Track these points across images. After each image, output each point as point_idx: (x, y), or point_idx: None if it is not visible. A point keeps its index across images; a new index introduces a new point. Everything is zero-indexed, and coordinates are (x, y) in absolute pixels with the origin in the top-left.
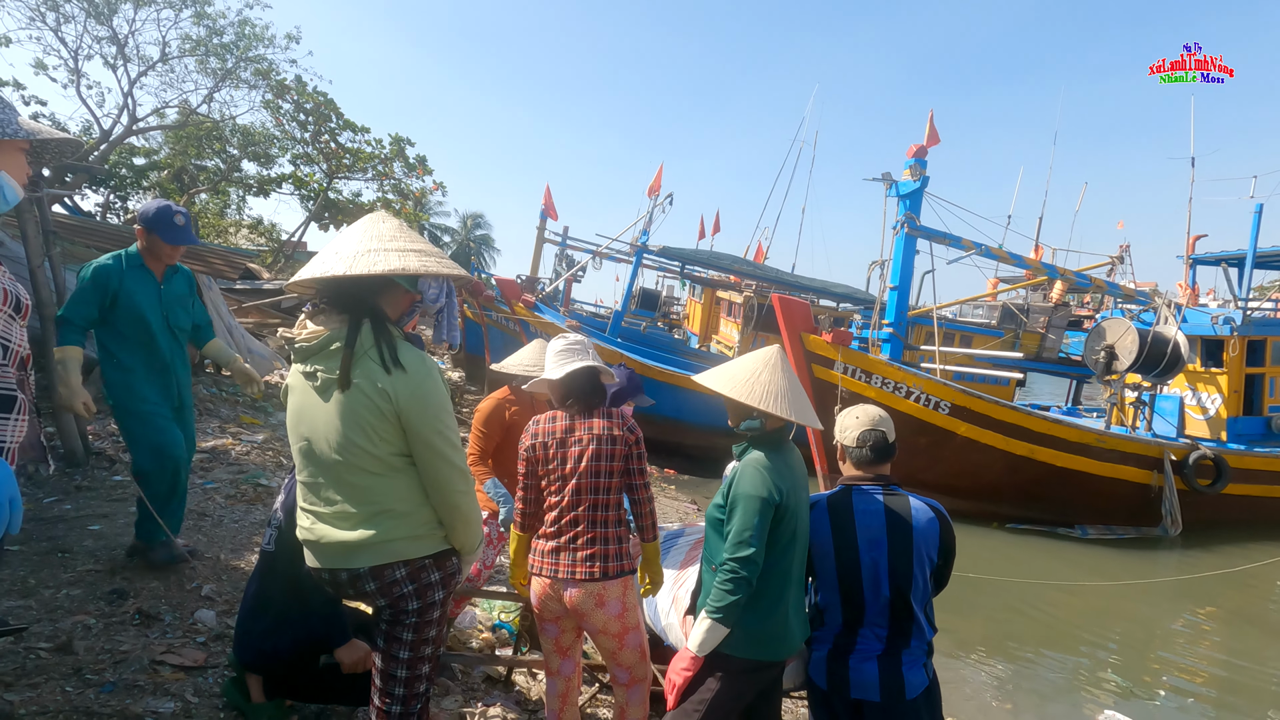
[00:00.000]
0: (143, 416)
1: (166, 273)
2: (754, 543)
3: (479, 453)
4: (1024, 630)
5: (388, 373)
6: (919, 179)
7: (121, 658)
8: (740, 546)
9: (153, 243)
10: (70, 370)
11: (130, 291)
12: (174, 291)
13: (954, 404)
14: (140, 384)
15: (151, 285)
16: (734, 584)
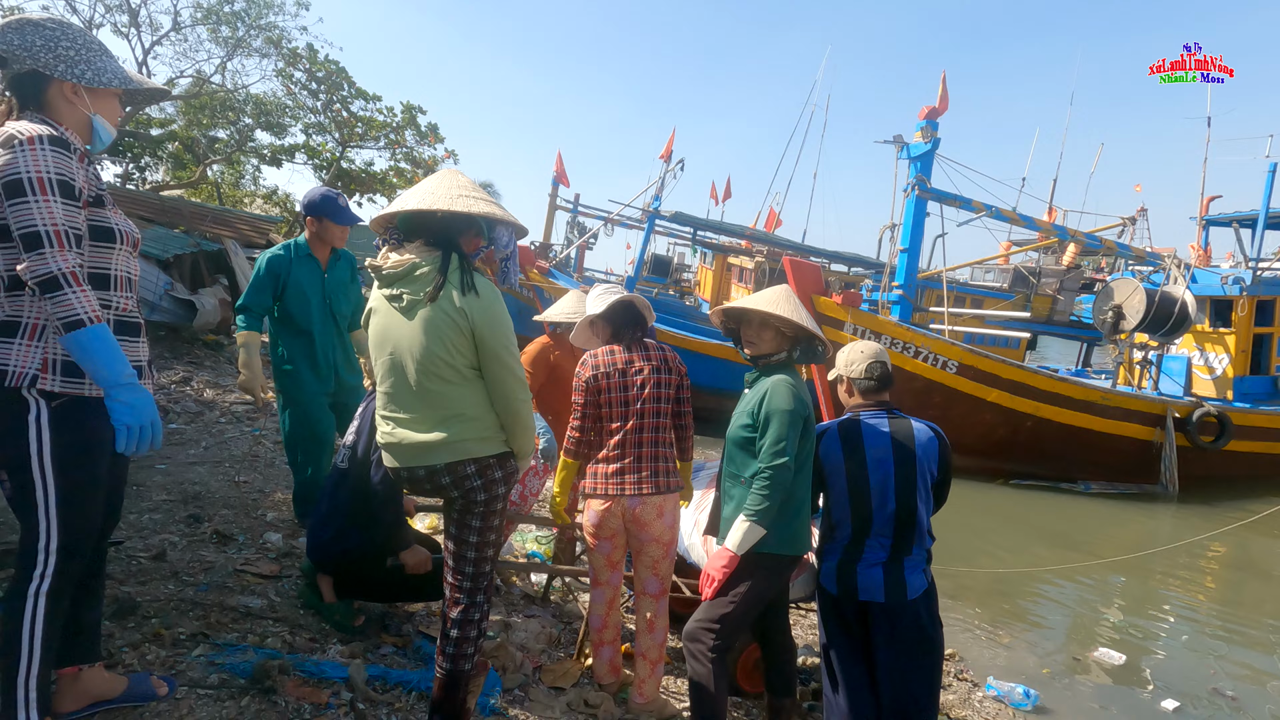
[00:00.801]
0: (300, 404)
1: (330, 259)
2: (788, 452)
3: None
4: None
5: (464, 295)
6: (930, 141)
7: (208, 565)
8: (777, 455)
9: (323, 228)
10: (252, 354)
11: (297, 280)
12: (338, 278)
13: (961, 363)
14: (303, 372)
15: (316, 273)
16: (771, 489)
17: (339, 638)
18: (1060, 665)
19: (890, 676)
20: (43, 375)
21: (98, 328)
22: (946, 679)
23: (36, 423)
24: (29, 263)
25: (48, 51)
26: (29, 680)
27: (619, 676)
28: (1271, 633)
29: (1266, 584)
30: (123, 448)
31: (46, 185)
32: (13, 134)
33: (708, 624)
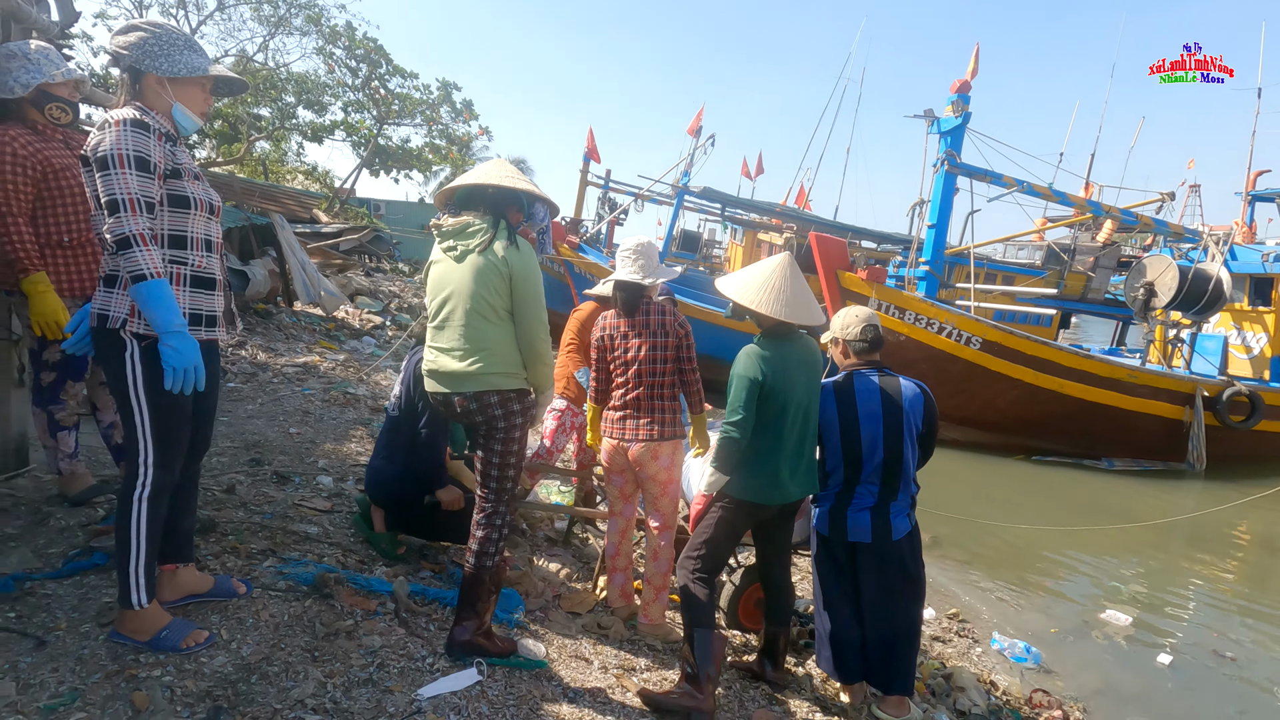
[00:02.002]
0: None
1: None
2: (741, 411)
3: (575, 346)
4: (1037, 545)
5: (507, 248)
6: (961, 115)
7: (271, 500)
8: (731, 413)
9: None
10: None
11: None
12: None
13: (985, 339)
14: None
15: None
16: (727, 442)
17: (384, 562)
18: (1068, 625)
19: (875, 610)
20: (131, 319)
21: (157, 281)
22: (947, 634)
23: (131, 359)
24: (108, 224)
25: (140, 49)
26: (138, 569)
27: (629, 603)
28: None
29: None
30: (168, 385)
31: (125, 160)
32: (107, 118)
33: (692, 553)
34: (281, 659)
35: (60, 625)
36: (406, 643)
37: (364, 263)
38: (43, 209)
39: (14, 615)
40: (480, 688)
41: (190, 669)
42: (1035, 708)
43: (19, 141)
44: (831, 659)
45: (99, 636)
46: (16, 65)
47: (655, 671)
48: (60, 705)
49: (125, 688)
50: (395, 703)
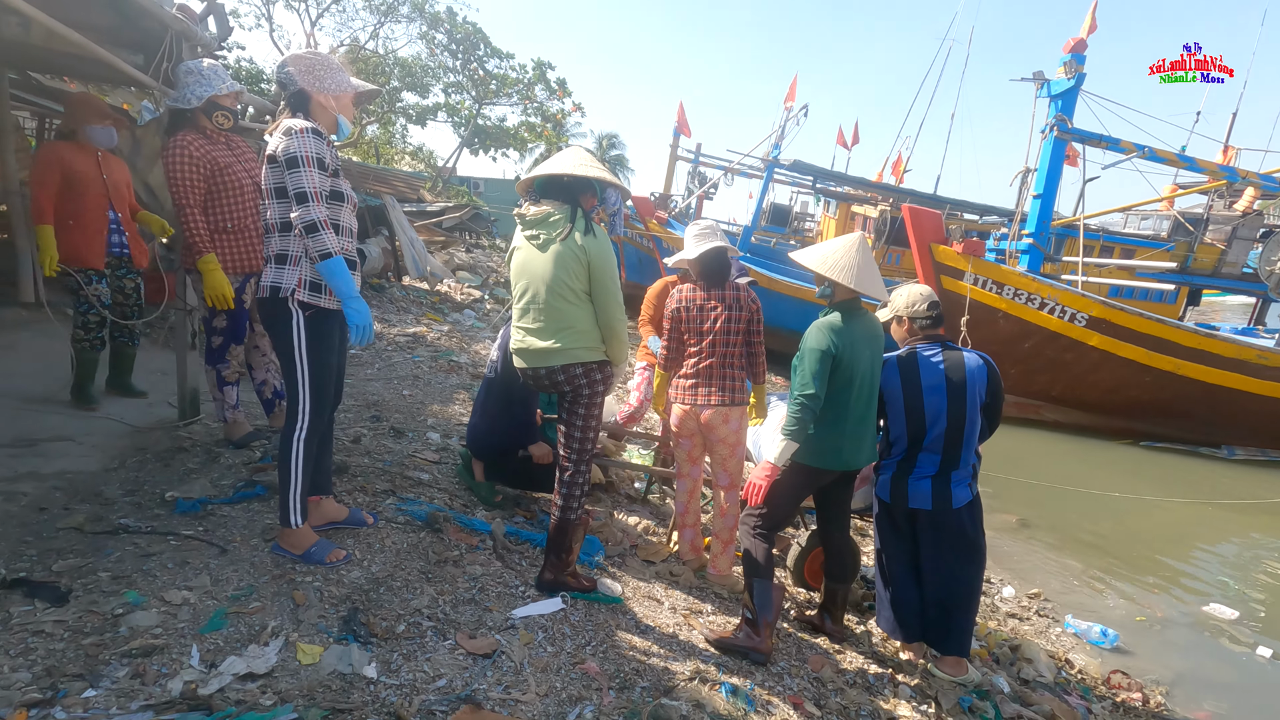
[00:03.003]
0: None
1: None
2: (814, 383)
3: (649, 318)
4: (1135, 538)
5: (585, 236)
6: (1074, 76)
7: (389, 450)
8: (804, 387)
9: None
10: None
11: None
12: None
13: (1091, 316)
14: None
15: None
16: (799, 413)
17: (483, 507)
18: (1161, 615)
19: (934, 574)
20: (298, 290)
21: (339, 259)
22: (1025, 612)
23: (296, 325)
24: (299, 212)
25: (311, 73)
26: (295, 496)
27: (699, 555)
28: None
29: None
30: (355, 340)
31: (311, 160)
32: (290, 126)
33: (754, 510)
34: (402, 577)
35: (236, 539)
36: (503, 573)
37: (464, 239)
38: (211, 201)
39: (201, 529)
40: (564, 614)
41: (334, 578)
42: (1113, 688)
43: (193, 145)
44: (891, 618)
45: (264, 549)
46: (193, 80)
47: (719, 616)
48: (242, 596)
49: (287, 587)
50: (493, 619)
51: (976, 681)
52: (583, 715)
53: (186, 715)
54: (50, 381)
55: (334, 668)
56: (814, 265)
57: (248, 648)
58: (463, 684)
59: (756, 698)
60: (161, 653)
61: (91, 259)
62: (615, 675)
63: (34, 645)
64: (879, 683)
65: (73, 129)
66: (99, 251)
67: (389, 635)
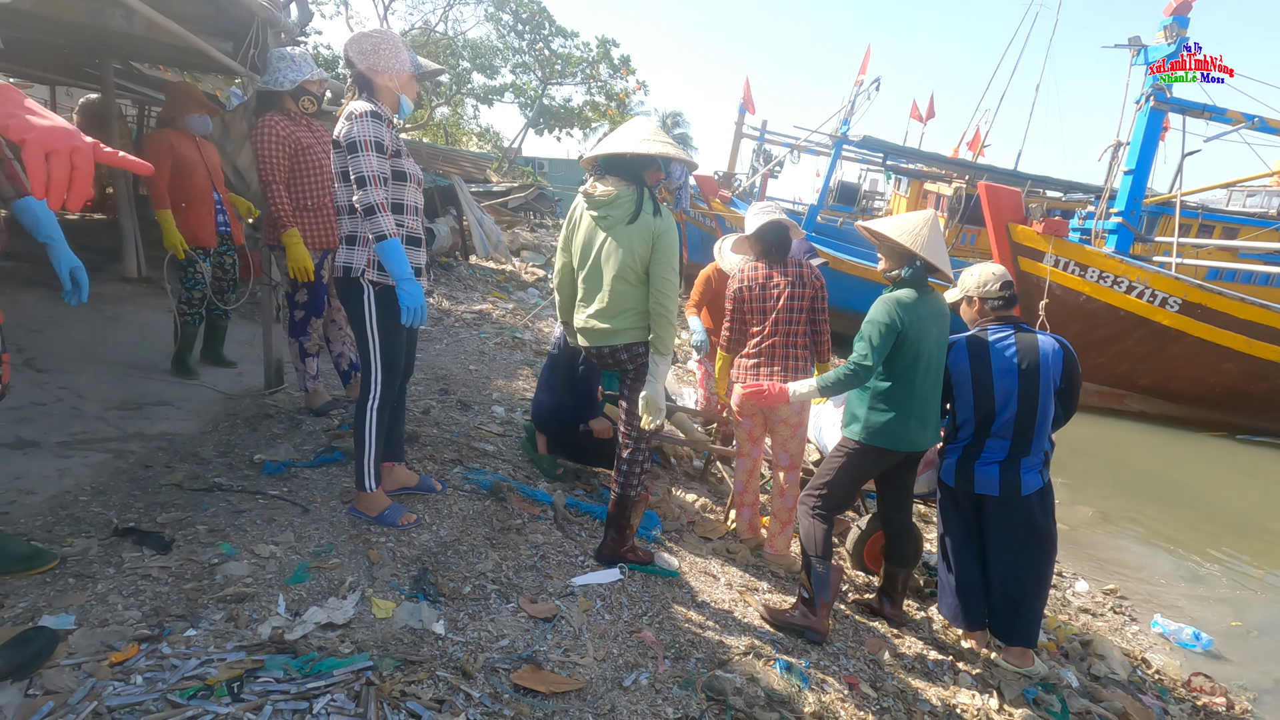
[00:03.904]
0: None
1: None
2: (874, 352)
3: (695, 301)
4: (1232, 535)
5: (654, 218)
6: (1174, 42)
7: (456, 422)
8: (862, 356)
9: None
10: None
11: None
12: None
13: (1185, 300)
14: None
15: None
16: (847, 376)
17: (545, 480)
18: (1260, 620)
19: (1001, 562)
20: (368, 270)
21: (394, 240)
22: (1100, 609)
23: (368, 300)
24: (359, 196)
25: (373, 54)
26: (370, 461)
27: (756, 534)
28: None
29: None
30: (405, 321)
31: (370, 145)
32: (351, 110)
33: (814, 490)
34: (468, 541)
35: (316, 500)
36: (564, 543)
37: (529, 219)
38: (293, 180)
39: (286, 489)
40: (621, 584)
41: (405, 540)
42: (1193, 690)
43: (279, 126)
44: (955, 605)
45: (342, 510)
46: (285, 65)
47: (775, 594)
48: (322, 552)
49: (363, 546)
50: (553, 585)
51: (1043, 674)
52: (638, 681)
53: (275, 657)
54: (151, 351)
55: (405, 623)
56: (888, 231)
57: (328, 600)
58: (524, 645)
59: (811, 676)
60: (252, 600)
61: (205, 238)
62: (671, 645)
63: (142, 587)
64: (938, 669)
65: (173, 116)
66: (210, 231)
67: (456, 595)
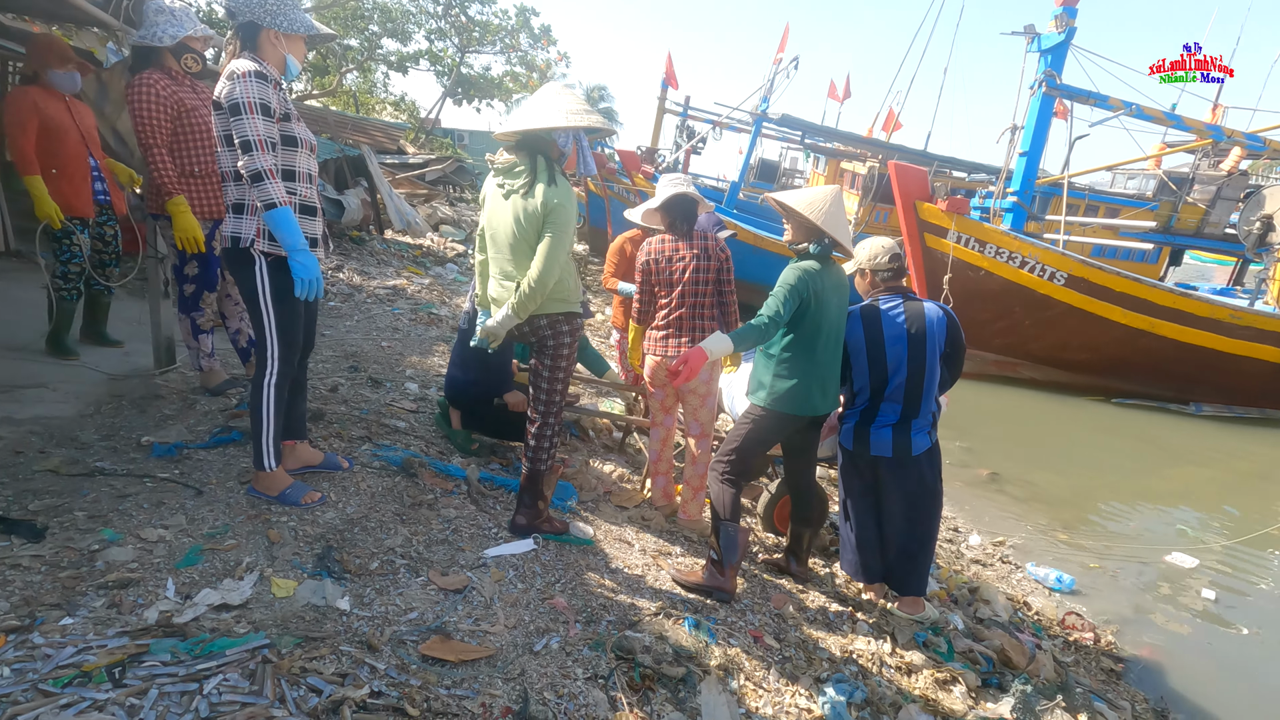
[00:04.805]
0: None
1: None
2: (781, 312)
3: (610, 273)
4: (1105, 490)
5: (547, 188)
6: (1064, 31)
7: (366, 399)
8: (771, 310)
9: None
10: None
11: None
12: None
13: (1071, 274)
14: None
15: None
16: (754, 330)
17: (460, 455)
18: (1121, 564)
19: (895, 518)
20: (258, 240)
21: (284, 209)
22: (990, 559)
23: (260, 272)
24: (244, 161)
25: (260, 7)
26: (269, 440)
27: (671, 501)
28: None
29: None
30: (299, 294)
31: (255, 106)
32: (233, 69)
33: (723, 456)
34: (376, 518)
35: (211, 481)
36: (477, 516)
37: (448, 193)
38: (177, 144)
39: (178, 472)
40: (535, 554)
41: (309, 519)
42: (1067, 628)
43: (160, 84)
44: (855, 561)
45: (240, 491)
46: (164, 19)
47: (688, 558)
48: (217, 534)
49: (262, 526)
50: (465, 558)
51: (933, 619)
52: (549, 646)
53: (162, 640)
54: (24, 330)
55: (308, 600)
56: (795, 204)
57: (222, 582)
58: (434, 616)
59: (718, 631)
60: (137, 585)
61: (81, 207)
62: (583, 610)
63: (11, 578)
64: (839, 620)
65: (36, 72)
66: (87, 200)
67: (362, 572)
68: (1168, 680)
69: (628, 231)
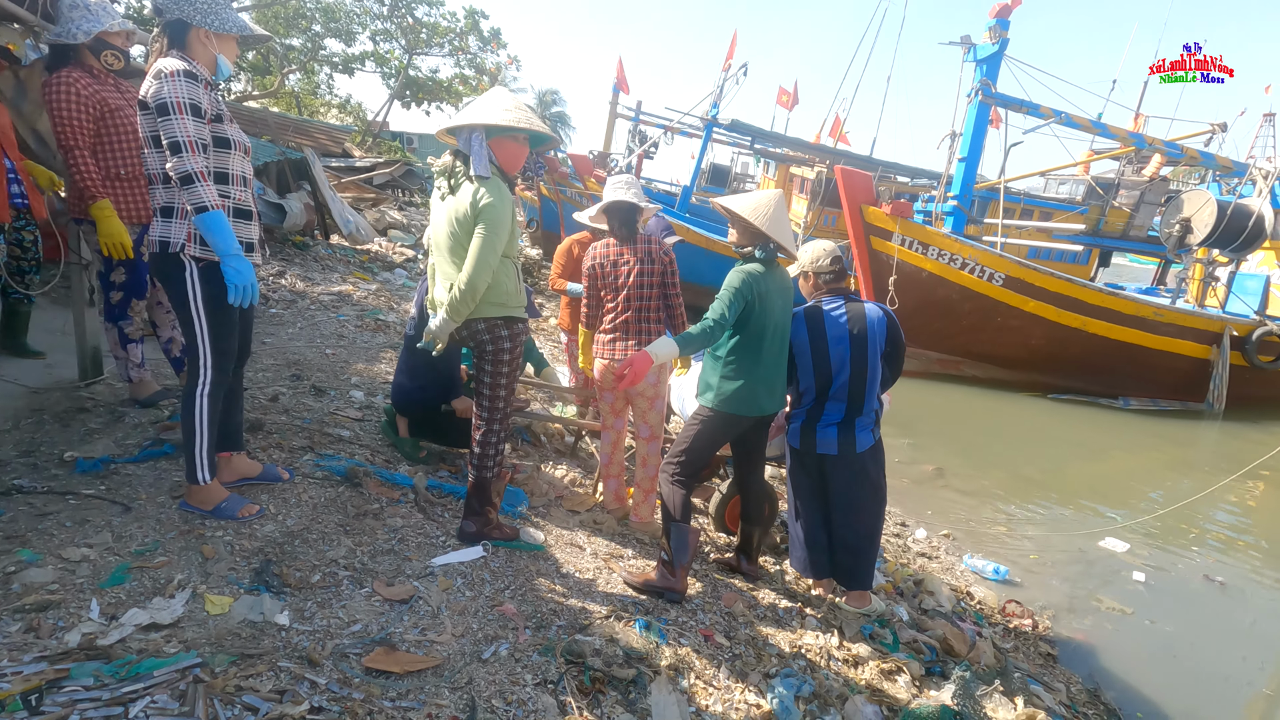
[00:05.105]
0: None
1: None
2: (726, 314)
3: (558, 274)
4: (1043, 481)
5: (475, 188)
6: (998, 42)
7: (309, 408)
8: (717, 313)
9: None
10: None
11: None
12: None
13: (1008, 275)
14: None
15: None
16: (703, 333)
17: (407, 464)
18: (1058, 551)
19: (841, 514)
20: (189, 244)
21: (216, 213)
22: (935, 552)
23: (190, 278)
24: (173, 163)
25: (189, 4)
26: (202, 452)
27: (623, 504)
28: None
29: None
30: (232, 300)
31: (184, 107)
32: (160, 68)
33: (673, 458)
34: (319, 530)
35: (141, 496)
36: (424, 525)
37: (397, 197)
38: (101, 145)
39: (104, 488)
40: (484, 561)
41: (246, 532)
42: (1007, 615)
43: (80, 83)
44: (804, 558)
45: (172, 506)
46: (79, 15)
47: (640, 560)
48: (146, 551)
49: (195, 542)
50: (412, 567)
51: (880, 612)
52: (498, 653)
53: (84, 664)
54: None
55: (244, 617)
56: (739, 209)
57: (152, 601)
58: (378, 628)
59: (669, 631)
60: (58, 608)
61: None
62: (532, 615)
63: None
64: (788, 615)
65: None
66: (2, 203)
67: (303, 585)
68: (1100, 661)
69: (576, 234)
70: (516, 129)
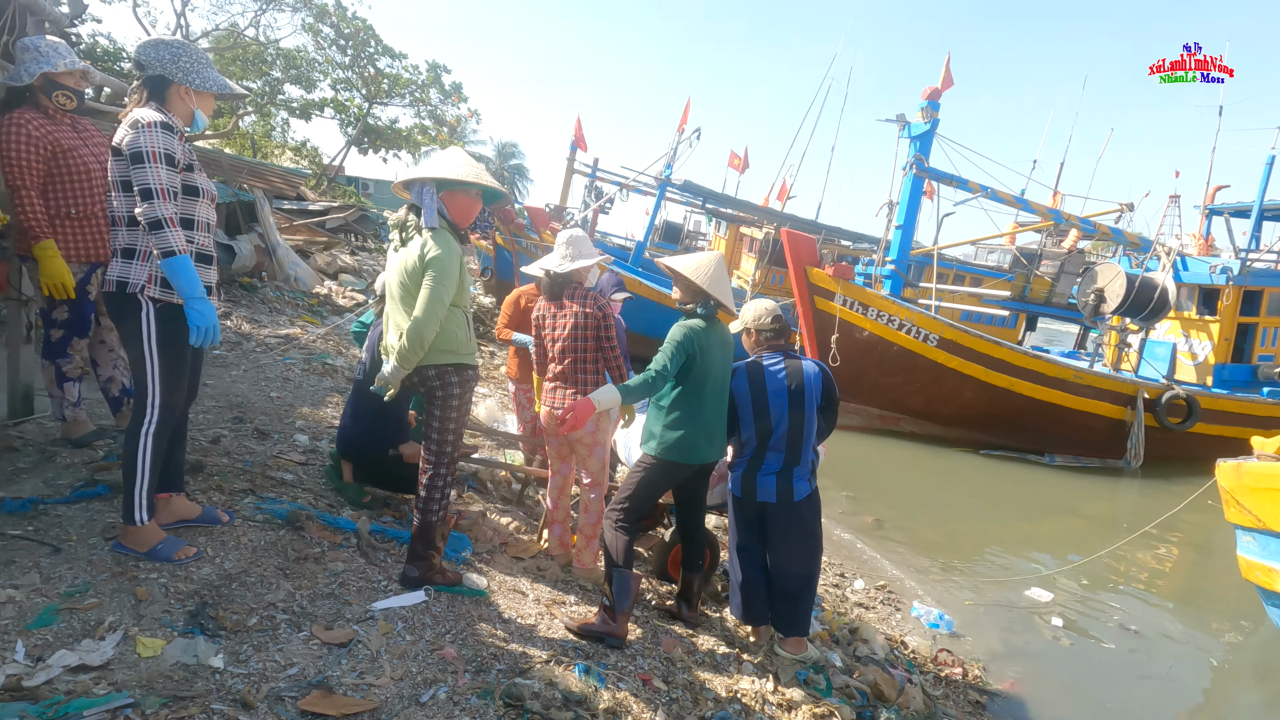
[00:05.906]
0: None
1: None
2: (669, 366)
3: (504, 324)
4: (974, 534)
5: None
6: (930, 121)
7: (251, 451)
8: (659, 364)
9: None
10: None
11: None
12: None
13: (941, 337)
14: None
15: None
16: (644, 383)
17: (350, 508)
18: (989, 601)
19: (779, 562)
20: (149, 285)
21: (183, 257)
22: (872, 602)
23: (146, 318)
24: (144, 209)
25: (173, 63)
26: (142, 492)
27: (567, 550)
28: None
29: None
30: (194, 341)
31: (159, 157)
32: (138, 119)
33: (616, 505)
34: (257, 573)
35: (71, 538)
36: (366, 569)
37: (350, 241)
38: (52, 185)
39: (31, 529)
40: (426, 605)
41: (182, 575)
42: (939, 664)
43: (33, 124)
44: (740, 604)
45: (105, 548)
46: (29, 57)
47: (582, 605)
48: (76, 593)
49: (129, 584)
50: (352, 611)
51: (814, 658)
52: (436, 696)
53: (9, 705)
54: None
55: (177, 659)
56: (682, 269)
57: (81, 642)
58: (315, 671)
59: (608, 676)
60: None
61: None
62: (472, 660)
63: None
64: (725, 661)
65: None
66: None
67: (239, 628)
68: (1026, 710)
69: (526, 285)
70: (468, 183)
